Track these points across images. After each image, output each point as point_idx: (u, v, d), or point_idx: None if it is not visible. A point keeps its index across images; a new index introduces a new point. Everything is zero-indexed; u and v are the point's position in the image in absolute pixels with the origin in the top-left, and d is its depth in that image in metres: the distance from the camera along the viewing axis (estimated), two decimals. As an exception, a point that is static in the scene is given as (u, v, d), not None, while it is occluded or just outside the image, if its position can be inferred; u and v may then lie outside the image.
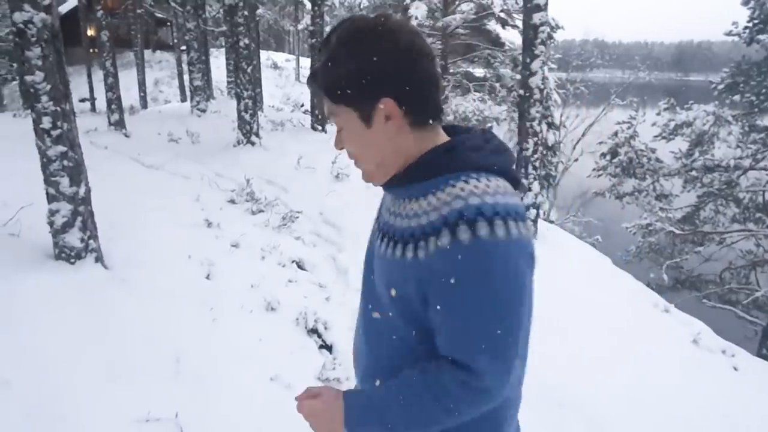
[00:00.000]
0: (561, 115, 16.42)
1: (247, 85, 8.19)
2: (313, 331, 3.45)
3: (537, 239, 5.98)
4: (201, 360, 2.77)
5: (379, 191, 1.08)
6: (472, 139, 0.95)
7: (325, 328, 3.50)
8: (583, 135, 16.64)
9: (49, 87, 3.00)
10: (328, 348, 3.37)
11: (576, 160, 16.66)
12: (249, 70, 8.22)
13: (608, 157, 14.86)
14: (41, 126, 3.04)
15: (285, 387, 2.82)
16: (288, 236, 4.81)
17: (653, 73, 24.68)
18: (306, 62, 26.99)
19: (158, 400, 2.41)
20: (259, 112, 9.95)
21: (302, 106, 19.58)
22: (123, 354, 2.64)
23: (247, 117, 8.20)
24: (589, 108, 17.59)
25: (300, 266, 4.34)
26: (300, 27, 25.11)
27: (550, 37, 14.84)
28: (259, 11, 16.74)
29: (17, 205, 3.54)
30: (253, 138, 8.25)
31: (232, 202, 5.45)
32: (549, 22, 5.60)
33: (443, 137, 0.98)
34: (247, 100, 8.19)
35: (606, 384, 3.45)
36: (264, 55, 27.15)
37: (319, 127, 10.46)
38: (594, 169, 15.90)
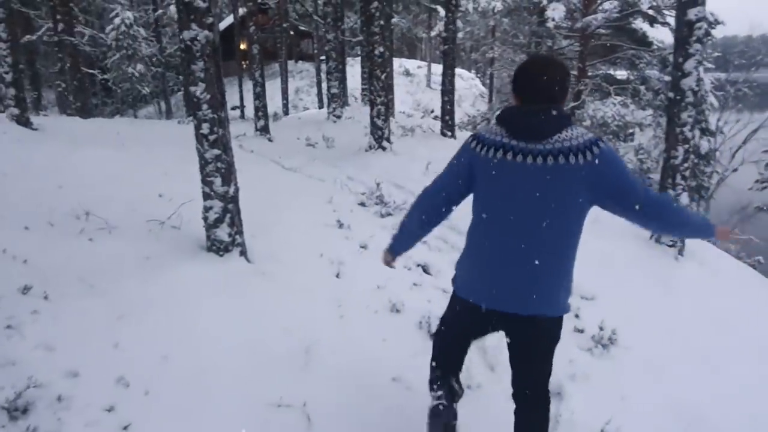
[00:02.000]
0: (718, 120, 14.74)
1: (380, 92, 8.47)
2: (436, 336, 3.45)
3: (684, 256, 5.43)
4: (329, 353, 2.90)
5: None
6: (504, 110, 1.92)
7: (448, 334, 3.49)
8: (745, 142, 14.78)
9: (208, 96, 3.35)
10: (450, 354, 3.35)
11: (735, 170, 14.83)
12: (383, 77, 8.49)
13: (776, 168, 13.07)
14: (201, 131, 3.41)
15: (406, 389, 2.86)
16: (414, 240, 4.87)
17: (838, 71, 21.21)
18: (437, 69, 27.27)
19: (289, 387, 2.58)
20: (391, 118, 10.23)
21: (432, 112, 19.77)
22: (260, 340, 2.86)
23: (379, 123, 8.47)
24: (753, 112, 15.60)
25: (425, 270, 4.37)
26: (433, 34, 25.40)
27: (707, 34, 13.43)
28: (394, 20, 17.22)
29: (179, 201, 3.99)
30: (384, 143, 8.49)
31: (362, 204, 5.66)
32: (707, 18, 5.07)
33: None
34: (379, 107, 8.46)
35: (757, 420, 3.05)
36: (396, 62, 27.84)
37: (449, 133, 10.49)
38: (757, 181, 14.12)
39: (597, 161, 1.73)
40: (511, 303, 1.88)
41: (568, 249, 1.87)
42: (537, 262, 1.83)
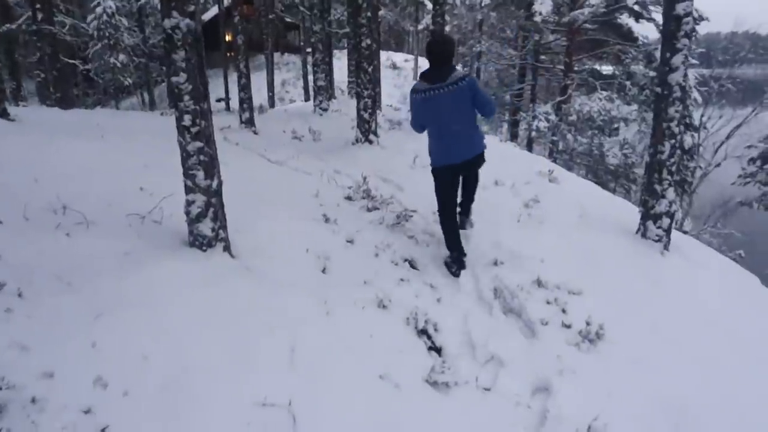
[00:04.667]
0: (702, 116, 14.87)
1: (367, 85, 8.37)
2: (423, 332, 3.41)
3: (669, 251, 5.45)
4: (314, 351, 2.85)
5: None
6: (424, 71, 4.17)
7: (435, 330, 3.45)
8: (728, 138, 14.94)
9: (190, 87, 3.25)
10: (437, 350, 3.31)
11: (718, 165, 15.00)
12: (370, 70, 8.39)
13: (758, 163, 13.25)
14: (182, 123, 3.30)
15: (393, 386, 2.82)
16: (402, 235, 4.82)
17: (819, 68, 21.53)
18: (425, 62, 27.14)
19: (274, 386, 2.52)
20: (378, 111, 10.14)
21: (419, 105, 19.68)
22: (244, 338, 2.79)
23: (366, 116, 8.39)
24: (736, 108, 15.76)
25: (412, 265, 4.33)
26: (420, 27, 25.30)
27: (693, 29, 13.52)
28: (381, 12, 17.08)
29: (160, 195, 3.89)
30: (371, 136, 8.42)
31: (349, 198, 5.59)
32: (692, 13, 5.05)
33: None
34: (366, 100, 8.37)
35: (747, 418, 3.06)
36: (384, 55, 27.74)
37: (436, 127, 10.42)
38: (740, 176, 14.30)
39: (468, 81, 3.94)
40: (464, 154, 4.14)
41: (473, 121, 4.13)
42: (464, 133, 4.09)
